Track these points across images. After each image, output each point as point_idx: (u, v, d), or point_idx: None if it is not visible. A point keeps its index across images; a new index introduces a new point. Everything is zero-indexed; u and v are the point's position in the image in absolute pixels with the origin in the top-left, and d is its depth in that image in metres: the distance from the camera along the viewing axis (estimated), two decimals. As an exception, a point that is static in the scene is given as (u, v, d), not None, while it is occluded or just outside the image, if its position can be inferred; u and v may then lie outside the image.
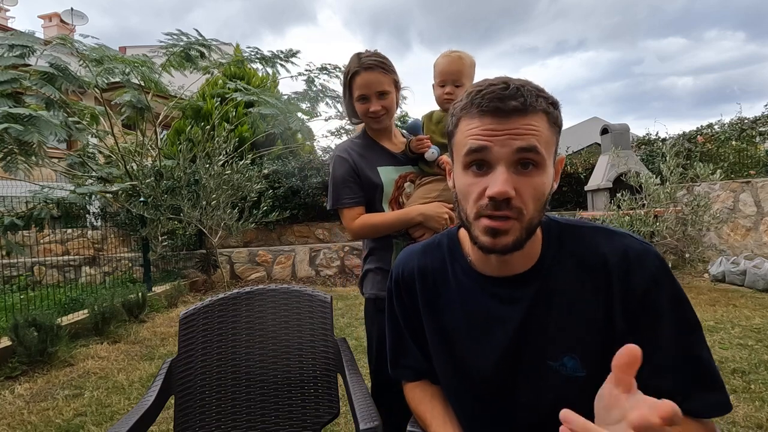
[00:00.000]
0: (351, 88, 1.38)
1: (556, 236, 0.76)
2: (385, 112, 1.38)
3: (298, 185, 6.76)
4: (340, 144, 1.49)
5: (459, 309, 0.80)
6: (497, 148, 0.64)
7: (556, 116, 0.67)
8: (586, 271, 0.72)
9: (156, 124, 7.38)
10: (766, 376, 2.47)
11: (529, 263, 0.74)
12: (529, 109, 0.64)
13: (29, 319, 3.21)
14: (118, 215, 6.72)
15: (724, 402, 0.66)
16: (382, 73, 1.35)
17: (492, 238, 0.66)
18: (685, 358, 0.66)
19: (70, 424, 2.34)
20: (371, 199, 1.39)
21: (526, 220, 0.66)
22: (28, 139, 4.38)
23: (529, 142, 0.63)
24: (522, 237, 0.67)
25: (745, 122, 7.59)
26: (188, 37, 6.55)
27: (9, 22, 15.21)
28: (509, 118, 0.64)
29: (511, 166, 0.64)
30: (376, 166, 1.40)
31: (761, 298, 4.11)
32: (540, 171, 0.65)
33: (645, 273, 0.68)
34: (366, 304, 1.44)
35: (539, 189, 0.66)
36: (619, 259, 0.70)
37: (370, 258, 1.43)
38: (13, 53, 5.20)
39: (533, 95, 0.64)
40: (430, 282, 0.85)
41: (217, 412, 1.20)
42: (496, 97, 0.64)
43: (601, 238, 0.74)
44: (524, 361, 0.74)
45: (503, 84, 0.65)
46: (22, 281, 6.38)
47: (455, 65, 1.37)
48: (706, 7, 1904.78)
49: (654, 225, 5.04)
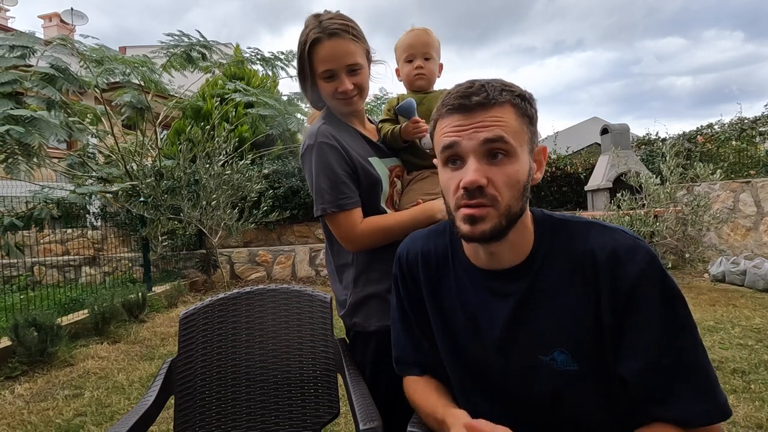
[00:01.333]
0: (312, 61, 1.07)
1: (549, 231, 0.76)
2: (357, 93, 1.10)
3: (298, 185, 6.76)
4: (312, 130, 1.11)
5: (456, 299, 0.81)
6: (465, 141, 0.68)
7: (526, 108, 0.71)
8: (576, 265, 0.72)
9: (156, 124, 7.38)
10: (766, 376, 2.47)
11: (520, 258, 0.75)
12: (493, 102, 0.68)
13: (29, 319, 3.21)
14: (118, 215, 6.73)
15: (716, 408, 0.64)
16: (352, 40, 1.06)
17: (470, 226, 0.69)
18: (676, 359, 0.65)
19: (70, 424, 2.34)
20: (371, 197, 1.13)
21: (503, 207, 0.68)
22: (29, 141, 4.39)
23: (494, 132, 0.67)
24: (501, 224, 0.69)
25: (745, 122, 7.59)
26: (190, 38, 6.55)
27: (9, 22, 15.21)
28: (474, 112, 0.68)
29: (481, 158, 0.68)
30: (366, 156, 1.14)
31: (761, 298, 4.11)
32: (511, 159, 0.68)
33: (633, 268, 0.68)
34: (366, 340, 1.14)
35: (512, 177, 0.68)
36: (608, 253, 0.70)
37: (369, 277, 1.13)
38: (13, 54, 5.20)
39: (497, 90, 0.69)
40: (432, 267, 0.85)
41: (217, 412, 1.20)
42: (461, 95, 0.69)
43: (592, 233, 0.74)
44: (515, 355, 0.75)
45: (468, 83, 0.71)
46: (22, 281, 6.38)
47: (423, 37, 1.23)
48: (704, 6, 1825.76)
49: (654, 225, 5.04)
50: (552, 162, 7.88)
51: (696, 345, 0.66)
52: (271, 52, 7.48)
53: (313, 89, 1.13)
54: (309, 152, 1.10)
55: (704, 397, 0.64)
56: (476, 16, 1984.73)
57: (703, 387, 0.65)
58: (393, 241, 1.09)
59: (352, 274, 1.15)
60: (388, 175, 1.17)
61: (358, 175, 1.11)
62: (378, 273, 1.12)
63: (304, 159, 1.14)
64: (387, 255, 1.08)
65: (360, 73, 1.09)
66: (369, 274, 1.14)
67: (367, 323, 1.13)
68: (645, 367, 0.66)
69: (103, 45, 6.11)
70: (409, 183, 1.24)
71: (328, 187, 1.07)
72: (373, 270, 1.13)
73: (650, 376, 0.66)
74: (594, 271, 0.70)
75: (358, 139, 1.17)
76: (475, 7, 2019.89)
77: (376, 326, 1.11)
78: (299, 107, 8.31)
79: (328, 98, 1.13)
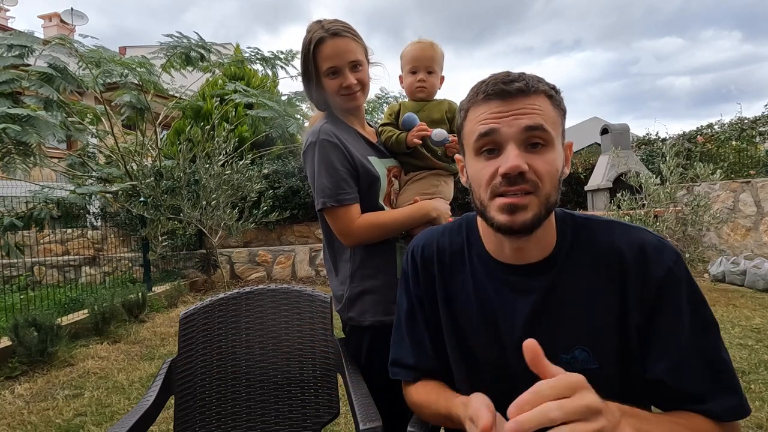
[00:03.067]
0: (316, 60, 1.13)
1: (571, 228, 0.76)
2: (360, 88, 1.16)
3: (298, 185, 6.76)
4: (315, 128, 1.16)
5: (473, 296, 0.79)
6: (505, 128, 0.66)
7: (559, 100, 0.70)
8: (602, 263, 0.71)
9: (156, 124, 7.38)
10: (766, 376, 2.47)
11: (543, 253, 0.74)
12: (532, 90, 0.67)
13: (29, 319, 3.21)
14: (118, 215, 6.73)
15: (741, 405, 0.65)
16: (353, 39, 1.13)
17: (510, 215, 0.66)
18: (704, 358, 0.66)
19: (70, 424, 2.34)
20: (369, 195, 1.17)
21: (543, 195, 0.66)
22: (26, 139, 4.39)
23: (535, 120, 0.66)
24: (541, 213, 0.67)
25: (745, 122, 7.59)
26: (189, 39, 6.56)
27: (9, 22, 15.22)
28: (514, 99, 0.67)
29: (521, 145, 0.66)
30: (366, 155, 1.18)
31: (761, 298, 4.11)
32: (550, 149, 0.67)
33: (662, 267, 0.68)
34: (361, 334, 1.18)
35: (552, 165, 0.67)
36: (636, 252, 0.70)
37: (365, 272, 1.17)
38: (11, 53, 5.20)
39: (534, 80, 0.68)
40: (447, 264, 0.83)
41: (217, 412, 1.20)
42: (500, 81, 0.68)
43: (617, 231, 0.74)
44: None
45: (504, 73, 0.70)
46: (22, 281, 6.38)
47: (428, 51, 1.27)
48: (701, 6, 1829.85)
49: (654, 225, 5.04)
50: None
51: (721, 343, 0.67)
52: (270, 51, 7.50)
53: (318, 89, 1.18)
54: (311, 149, 1.15)
55: (733, 394, 0.65)
56: (473, 16, 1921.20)
57: (729, 384, 0.66)
58: (388, 238, 1.15)
59: (348, 270, 1.19)
60: (386, 174, 1.21)
61: (357, 172, 1.14)
62: (374, 269, 1.16)
63: (306, 155, 1.18)
64: (383, 251, 1.15)
65: (361, 69, 1.16)
66: (365, 269, 1.17)
67: (362, 318, 1.17)
68: (676, 365, 0.66)
69: (102, 46, 6.11)
70: (406, 183, 1.28)
71: (328, 183, 1.11)
72: (369, 266, 1.17)
73: (682, 375, 0.66)
74: (622, 269, 0.70)
75: (358, 139, 1.22)
76: (472, 7, 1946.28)
77: (371, 321, 1.15)
78: (299, 108, 8.31)
79: (334, 95, 1.17)
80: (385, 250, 1.16)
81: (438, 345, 0.85)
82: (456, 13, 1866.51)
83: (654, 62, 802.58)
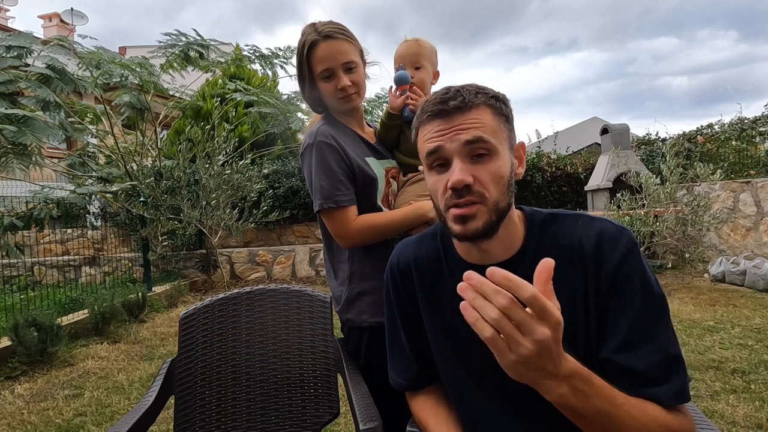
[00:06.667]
0: (310, 63, 1.14)
1: (538, 226, 0.79)
2: (355, 90, 1.16)
3: (298, 185, 6.76)
4: (312, 130, 1.17)
5: (451, 299, 0.80)
6: (448, 144, 0.72)
7: (501, 108, 0.75)
8: (565, 256, 0.74)
9: (156, 124, 7.38)
10: (766, 376, 2.47)
11: (510, 252, 0.77)
12: (469, 105, 0.72)
13: (29, 319, 3.21)
14: (118, 215, 6.73)
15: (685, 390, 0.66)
16: (346, 40, 1.13)
17: (462, 225, 0.72)
18: (653, 340, 0.68)
19: (70, 424, 2.34)
20: (367, 196, 1.17)
21: (491, 203, 0.71)
22: (22, 140, 4.37)
23: (473, 134, 0.71)
24: (491, 220, 0.71)
25: (745, 122, 7.59)
26: (187, 37, 6.56)
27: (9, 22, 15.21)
28: (453, 115, 0.72)
29: (465, 158, 0.71)
30: (363, 157, 1.18)
31: (761, 298, 4.11)
32: (493, 157, 0.72)
33: (616, 254, 0.71)
34: (360, 335, 1.19)
35: (496, 173, 0.72)
36: (594, 242, 0.73)
37: (363, 274, 1.17)
38: (10, 54, 5.19)
39: (472, 93, 0.73)
40: (425, 272, 0.86)
41: (217, 412, 1.20)
42: (438, 101, 0.73)
43: (579, 224, 0.77)
44: None
45: (444, 90, 0.75)
46: (22, 281, 6.38)
47: (412, 48, 1.29)
48: (697, 6, 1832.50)
49: (654, 225, 5.04)
50: (552, 162, 7.86)
51: (670, 328, 0.70)
52: (269, 49, 7.49)
53: (313, 91, 1.19)
54: (308, 151, 1.15)
55: (676, 378, 0.67)
56: (469, 16, 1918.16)
57: (675, 369, 0.67)
58: (386, 239, 1.16)
59: (347, 271, 1.20)
60: (384, 175, 1.21)
61: (354, 173, 1.15)
62: (372, 270, 1.16)
63: (303, 157, 1.19)
64: (381, 253, 1.13)
65: (356, 71, 1.16)
66: (363, 271, 1.18)
67: (360, 319, 1.18)
68: (623, 345, 0.68)
69: (101, 47, 6.11)
70: (404, 184, 1.28)
71: (325, 185, 1.12)
72: (367, 267, 1.17)
73: (628, 355, 0.68)
74: (582, 260, 0.73)
75: (356, 140, 1.22)
76: (467, 7, 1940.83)
77: (369, 322, 1.16)
78: (299, 107, 8.31)
79: (329, 98, 1.17)
80: (383, 251, 1.15)
81: (423, 354, 0.87)
82: (451, 12, 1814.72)
83: (651, 62, 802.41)
